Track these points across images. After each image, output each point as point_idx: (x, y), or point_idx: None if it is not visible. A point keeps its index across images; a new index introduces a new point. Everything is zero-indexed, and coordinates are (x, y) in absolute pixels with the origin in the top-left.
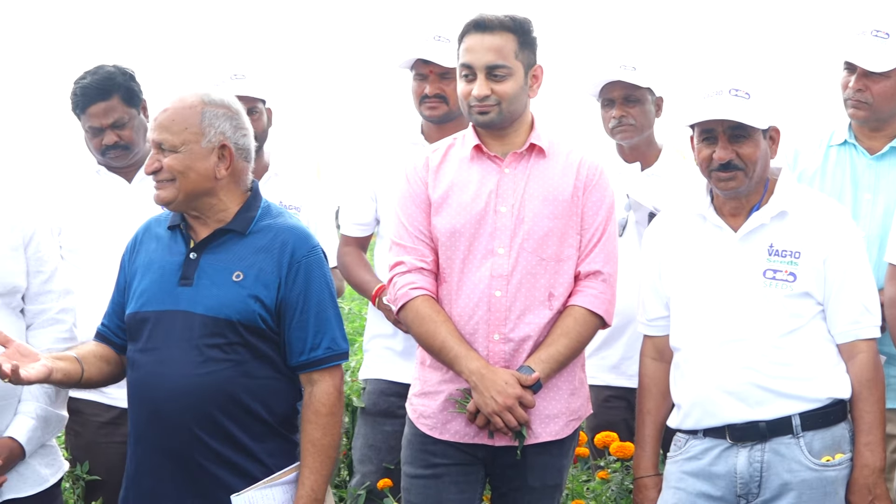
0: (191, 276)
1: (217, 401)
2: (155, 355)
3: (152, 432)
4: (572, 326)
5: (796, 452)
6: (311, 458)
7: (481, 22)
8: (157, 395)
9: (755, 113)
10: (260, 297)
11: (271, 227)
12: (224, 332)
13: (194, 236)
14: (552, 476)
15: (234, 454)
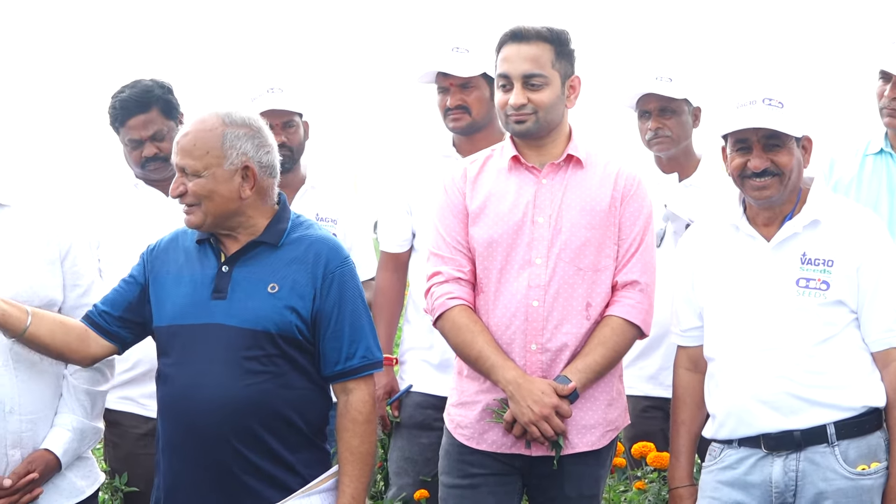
0: (224, 290)
1: (257, 413)
2: (190, 369)
3: (191, 446)
4: (609, 336)
5: (831, 461)
6: (351, 465)
7: (518, 32)
8: (195, 408)
9: (789, 122)
10: (296, 308)
11: (303, 238)
12: (262, 344)
13: (225, 250)
14: (589, 486)
15: (273, 466)
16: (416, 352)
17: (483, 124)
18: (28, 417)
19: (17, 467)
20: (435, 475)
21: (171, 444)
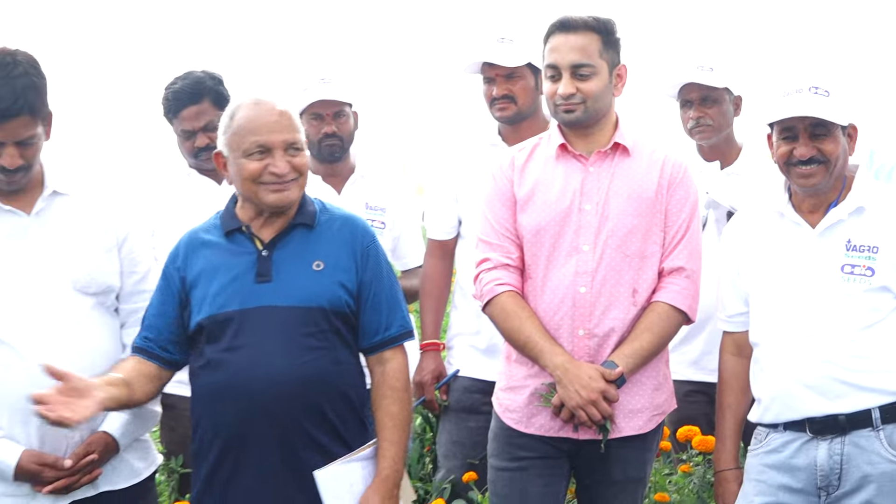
0: (268, 273)
1: (320, 389)
2: (248, 352)
3: (255, 427)
4: (656, 322)
5: (876, 445)
6: (390, 431)
7: (566, 22)
8: (261, 389)
9: (835, 110)
10: (343, 282)
11: (332, 218)
12: (317, 320)
13: (260, 236)
14: (635, 469)
15: (331, 441)
16: (464, 337)
17: (528, 113)
18: None
19: (76, 449)
20: (483, 458)
21: (229, 429)
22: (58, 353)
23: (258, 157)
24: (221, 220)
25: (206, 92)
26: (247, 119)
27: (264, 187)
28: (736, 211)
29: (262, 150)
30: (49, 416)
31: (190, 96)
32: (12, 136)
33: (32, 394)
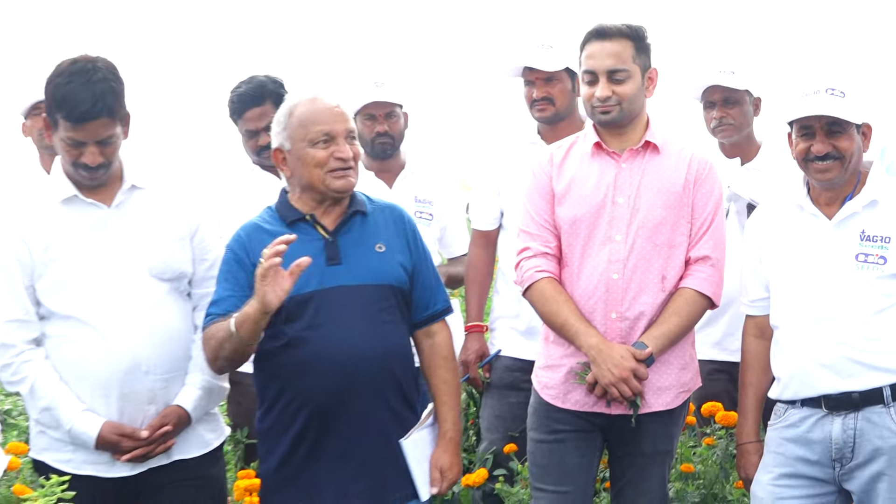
0: (337, 257)
1: (395, 359)
2: (329, 328)
3: (342, 399)
4: (683, 306)
5: (887, 421)
6: (447, 396)
7: (601, 30)
8: (345, 362)
9: (850, 110)
10: (402, 262)
11: (378, 207)
12: (387, 296)
13: (324, 224)
14: (664, 442)
15: (402, 407)
16: (505, 320)
17: (565, 114)
18: (162, 377)
19: (152, 421)
20: (522, 431)
21: (315, 399)
22: (136, 334)
23: (323, 145)
24: (279, 212)
25: (267, 94)
26: (309, 112)
27: (331, 174)
28: (756, 203)
29: (326, 139)
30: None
31: (253, 99)
32: (93, 136)
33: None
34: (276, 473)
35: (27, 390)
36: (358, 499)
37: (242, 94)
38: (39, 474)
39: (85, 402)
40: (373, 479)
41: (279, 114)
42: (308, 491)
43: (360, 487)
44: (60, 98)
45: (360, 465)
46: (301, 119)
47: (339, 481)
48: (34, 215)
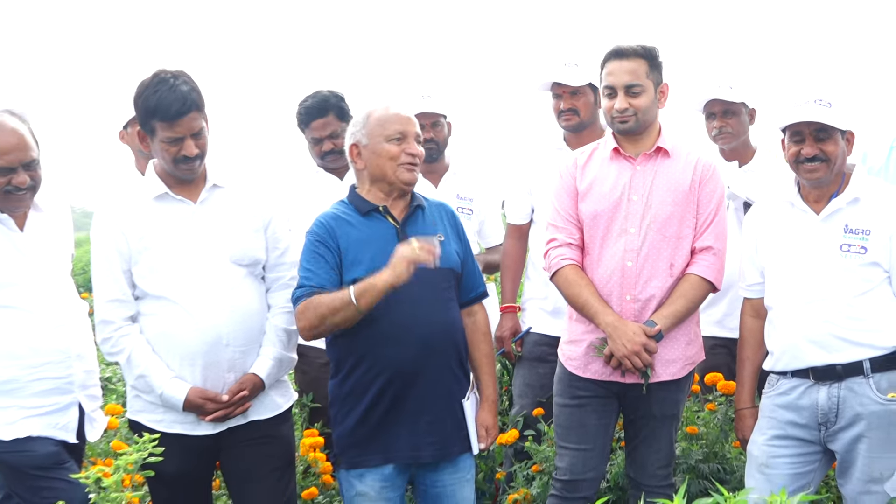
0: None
1: (457, 331)
2: (404, 304)
3: (416, 365)
4: (688, 290)
5: (867, 390)
6: (487, 366)
7: (619, 51)
8: (420, 333)
9: (835, 118)
10: (457, 250)
11: (430, 203)
12: (448, 278)
13: (395, 214)
14: (671, 407)
15: (461, 373)
16: (535, 301)
17: (588, 123)
18: (240, 349)
19: (231, 386)
20: (549, 397)
21: (392, 366)
22: (218, 312)
23: (397, 142)
24: (354, 204)
25: (330, 107)
26: (386, 114)
27: (402, 166)
28: (752, 201)
29: (400, 137)
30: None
31: (318, 111)
32: (188, 129)
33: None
34: (353, 433)
35: (124, 360)
36: (428, 449)
37: (309, 106)
38: (134, 432)
39: (174, 370)
40: (440, 433)
41: (357, 116)
42: (385, 445)
43: (430, 440)
44: (153, 106)
45: (431, 422)
46: (379, 119)
47: (413, 436)
48: (131, 210)
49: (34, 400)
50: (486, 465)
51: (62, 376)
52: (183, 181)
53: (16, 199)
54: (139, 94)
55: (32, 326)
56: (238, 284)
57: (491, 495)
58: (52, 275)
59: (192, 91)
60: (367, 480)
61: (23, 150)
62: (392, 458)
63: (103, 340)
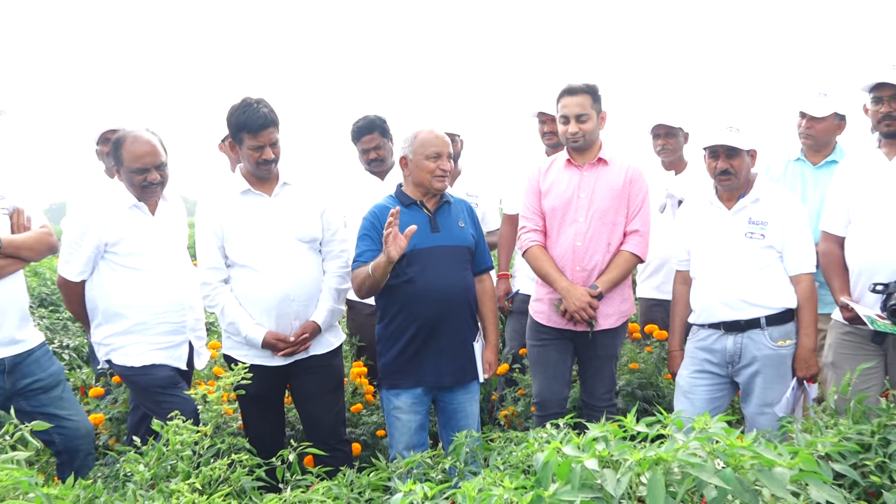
0: (437, 228)
1: (470, 292)
2: (433, 272)
3: (439, 316)
4: (622, 262)
5: (762, 338)
6: (492, 319)
7: (570, 89)
8: (443, 293)
9: (742, 141)
10: (472, 234)
11: (455, 199)
12: (464, 254)
13: (429, 206)
14: (611, 349)
15: (472, 323)
16: (522, 270)
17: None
18: (303, 302)
19: (297, 330)
20: None
21: (422, 316)
22: (286, 276)
23: (434, 159)
24: (398, 198)
25: (375, 127)
26: (428, 137)
27: (435, 178)
28: (683, 200)
29: (436, 156)
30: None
31: (367, 129)
32: (267, 139)
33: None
34: (393, 363)
35: (219, 311)
36: (447, 377)
37: (360, 126)
38: (227, 363)
39: (254, 318)
40: (456, 365)
41: (407, 135)
42: (416, 373)
43: (449, 370)
44: (242, 122)
45: (449, 358)
46: (422, 140)
47: (436, 366)
48: (223, 201)
49: (157, 338)
50: (485, 390)
51: (178, 321)
52: (261, 180)
53: (150, 191)
54: (231, 113)
55: (158, 285)
56: (301, 256)
57: (488, 411)
58: (172, 248)
59: (270, 112)
60: (401, 398)
61: (154, 155)
62: (421, 382)
63: (204, 297)
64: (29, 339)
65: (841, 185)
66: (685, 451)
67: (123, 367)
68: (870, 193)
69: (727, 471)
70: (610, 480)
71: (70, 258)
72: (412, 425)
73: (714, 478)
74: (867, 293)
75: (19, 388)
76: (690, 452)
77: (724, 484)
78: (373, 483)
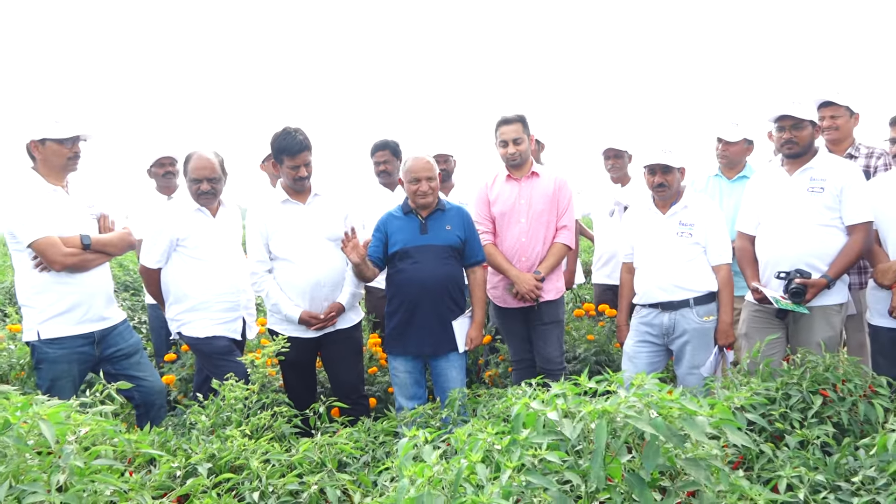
0: (426, 230)
1: (452, 282)
2: (420, 265)
3: (424, 300)
4: (556, 252)
5: (691, 315)
6: (480, 302)
7: (506, 119)
8: (427, 281)
9: (674, 160)
10: (459, 235)
11: (450, 206)
12: (448, 252)
13: (422, 214)
14: (555, 315)
15: (455, 307)
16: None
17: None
18: (331, 287)
19: (325, 309)
20: None
21: (410, 300)
22: (318, 267)
23: (414, 183)
24: (402, 208)
25: (388, 147)
26: (413, 165)
27: (417, 196)
28: (628, 206)
29: (416, 181)
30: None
31: (381, 147)
32: (302, 161)
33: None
34: (390, 334)
35: (264, 295)
36: (427, 347)
37: (377, 144)
38: (271, 335)
39: (292, 300)
40: (434, 339)
41: (403, 163)
42: (404, 343)
43: (429, 342)
44: (283, 147)
45: (428, 332)
46: (408, 167)
47: (418, 339)
48: (268, 209)
49: (217, 314)
50: (473, 356)
51: (233, 301)
52: (298, 192)
53: (203, 199)
54: (274, 139)
55: (217, 272)
56: (329, 251)
57: (476, 372)
58: (229, 244)
59: (305, 139)
60: (398, 360)
61: (208, 170)
62: (408, 351)
63: (252, 283)
64: (113, 316)
65: (753, 194)
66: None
67: (191, 337)
68: (775, 201)
69: (658, 419)
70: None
71: (149, 250)
72: (408, 381)
73: (647, 426)
74: (773, 279)
75: (106, 356)
76: (630, 405)
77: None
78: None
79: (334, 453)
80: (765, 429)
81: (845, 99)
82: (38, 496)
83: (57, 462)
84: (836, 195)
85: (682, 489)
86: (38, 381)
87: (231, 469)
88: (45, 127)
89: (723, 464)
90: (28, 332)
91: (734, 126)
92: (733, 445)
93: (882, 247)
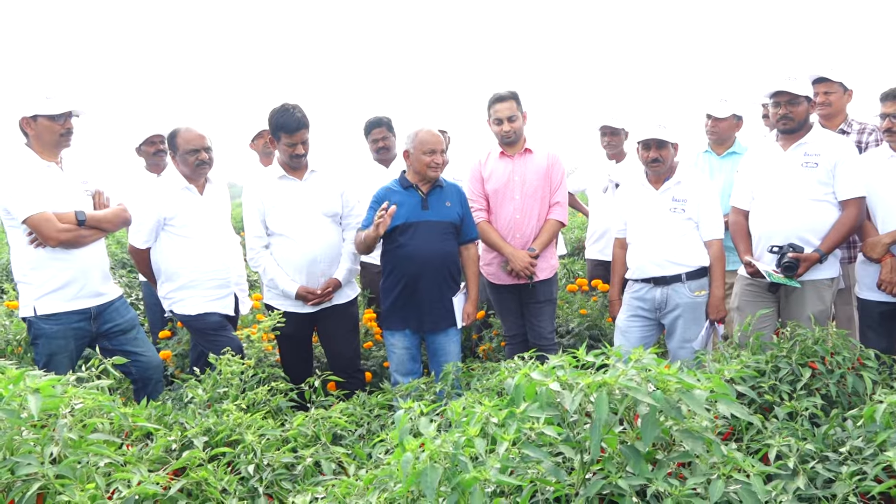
0: (427, 206)
1: (450, 258)
2: (419, 240)
3: (422, 275)
4: (549, 228)
5: (683, 290)
6: (474, 278)
7: (500, 96)
8: (426, 257)
9: (668, 135)
10: (457, 211)
11: (447, 183)
12: (448, 227)
13: (422, 189)
14: (548, 294)
15: (453, 283)
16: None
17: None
18: (327, 263)
19: (322, 285)
20: None
21: (408, 274)
22: (314, 243)
23: (429, 154)
24: (400, 182)
25: (383, 123)
26: (426, 136)
27: (429, 169)
28: (620, 183)
29: (432, 152)
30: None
31: (376, 125)
32: (300, 139)
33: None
34: (388, 310)
35: (261, 270)
36: (427, 323)
37: (371, 122)
38: (268, 310)
39: (289, 275)
40: (434, 314)
41: (410, 133)
42: (403, 318)
43: (428, 318)
44: (281, 123)
45: (429, 308)
46: (421, 139)
47: (418, 314)
48: (264, 185)
49: (208, 291)
50: (467, 331)
51: (223, 278)
52: (294, 168)
53: (200, 170)
54: (272, 115)
55: (205, 250)
56: (325, 227)
57: (470, 347)
58: (217, 221)
59: (303, 116)
60: (395, 336)
61: (203, 139)
62: (406, 327)
63: (249, 259)
64: (109, 292)
65: (747, 169)
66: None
67: (183, 314)
68: (769, 177)
69: (657, 392)
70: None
71: (137, 230)
72: (405, 357)
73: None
74: (766, 253)
75: (103, 331)
76: (629, 378)
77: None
78: (380, 403)
79: (329, 427)
80: (754, 401)
81: (839, 75)
82: (32, 468)
83: (51, 434)
84: (829, 170)
85: (675, 460)
86: (35, 356)
87: (227, 443)
88: (37, 103)
89: (713, 435)
90: (24, 308)
91: (723, 102)
92: (723, 417)
93: (871, 221)
